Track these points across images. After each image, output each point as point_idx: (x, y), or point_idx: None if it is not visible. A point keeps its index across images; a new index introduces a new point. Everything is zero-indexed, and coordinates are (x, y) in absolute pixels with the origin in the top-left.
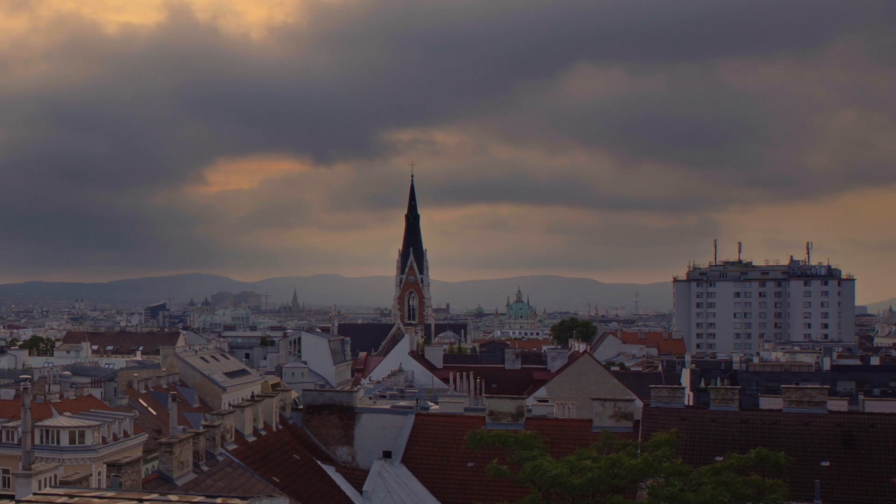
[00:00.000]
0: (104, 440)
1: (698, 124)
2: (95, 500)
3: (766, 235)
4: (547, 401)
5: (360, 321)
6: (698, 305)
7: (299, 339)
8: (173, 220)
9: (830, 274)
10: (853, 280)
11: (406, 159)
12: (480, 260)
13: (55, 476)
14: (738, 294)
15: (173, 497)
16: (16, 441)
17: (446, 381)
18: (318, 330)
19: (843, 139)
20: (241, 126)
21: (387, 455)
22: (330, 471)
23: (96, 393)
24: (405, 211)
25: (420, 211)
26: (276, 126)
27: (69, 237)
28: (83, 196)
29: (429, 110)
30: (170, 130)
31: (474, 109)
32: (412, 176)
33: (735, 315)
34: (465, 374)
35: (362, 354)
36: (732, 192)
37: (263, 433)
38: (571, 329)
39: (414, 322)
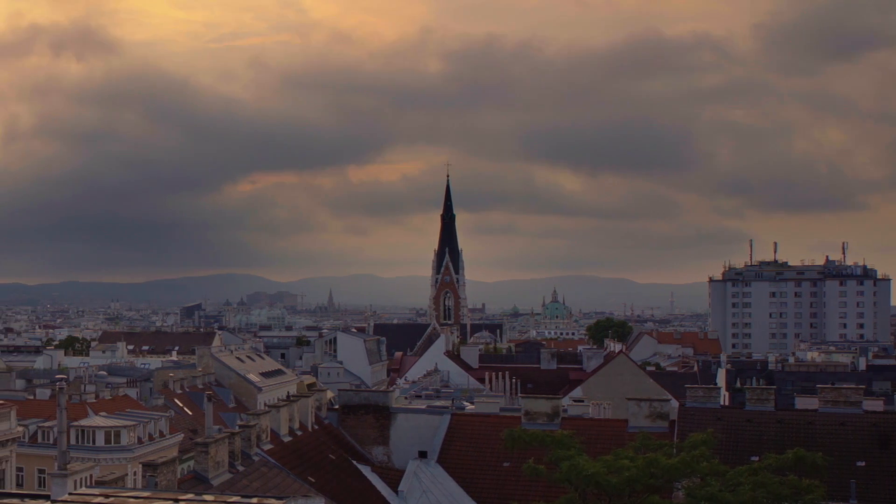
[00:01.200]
0: (140, 440)
1: (639, 144)
2: (131, 499)
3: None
4: (583, 401)
5: (395, 321)
6: (734, 305)
7: (335, 339)
8: (208, 222)
9: (866, 274)
10: (889, 280)
11: (378, 176)
12: (514, 261)
13: (91, 476)
14: (773, 294)
15: (209, 497)
16: (52, 441)
17: (482, 381)
18: (354, 330)
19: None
20: (247, 149)
21: (422, 455)
22: (366, 471)
23: (132, 393)
24: (406, 216)
25: (420, 218)
26: (273, 151)
27: (105, 238)
28: (118, 200)
29: (386, 139)
30: (190, 153)
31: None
32: (448, 176)
33: (771, 315)
34: (500, 374)
35: (398, 354)
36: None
37: (299, 433)
38: (607, 329)
39: (450, 322)
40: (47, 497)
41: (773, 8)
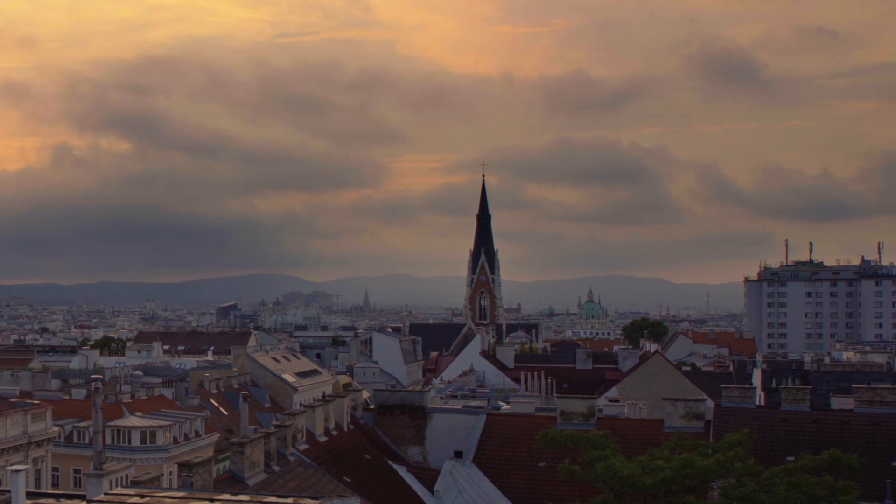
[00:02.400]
0: (175, 440)
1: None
2: (167, 499)
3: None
4: (618, 401)
5: (431, 321)
6: (769, 305)
7: (370, 339)
8: (243, 225)
9: None
10: None
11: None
12: (549, 261)
13: (126, 476)
14: (809, 294)
15: (244, 497)
16: (87, 441)
17: (517, 381)
18: (390, 330)
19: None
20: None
21: (458, 455)
22: (401, 471)
23: (167, 393)
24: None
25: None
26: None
27: (140, 238)
28: (155, 201)
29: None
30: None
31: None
32: (483, 176)
33: (806, 315)
34: (536, 374)
35: (433, 354)
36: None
37: (335, 433)
38: (643, 329)
39: (485, 322)
40: (83, 497)
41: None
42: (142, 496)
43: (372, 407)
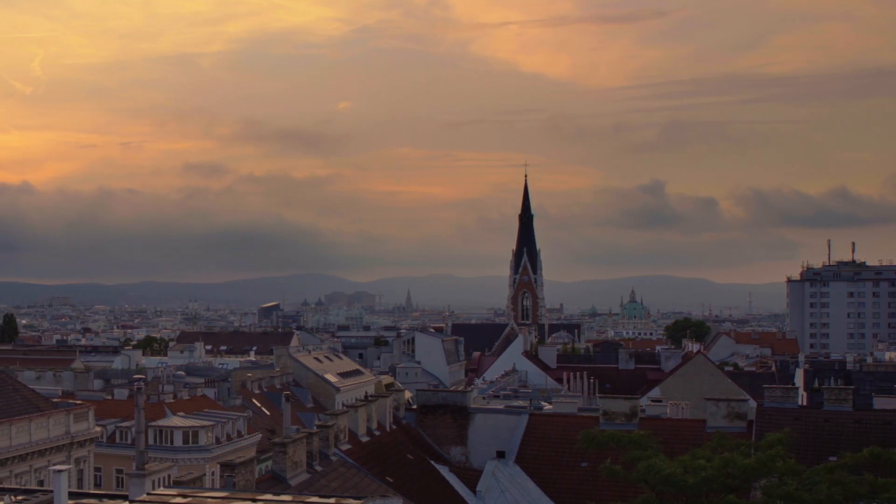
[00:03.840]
0: (217, 440)
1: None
2: (209, 499)
3: None
4: (661, 401)
5: (473, 321)
6: (812, 305)
7: (413, 339)
8: (285, 225)
9: None
10: None
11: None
12: (593, 259)
13: (169, 476)
14: (851, 294)
15: (287, 497)
16: (130, 441)
17: (560, 381)
18: (432, 330)
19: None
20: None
21: (500, 455)
22: (443, 471)
23: (210, 393)
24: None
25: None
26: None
27: (183, 238)
28: (194, 204)
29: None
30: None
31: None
32: (525, 176)
33: (849, 315)
34: (578, 374)
35: (476, 354)
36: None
37: (377, 433)
38: (685, 329)
39: (528, 322)
40: (125, 497)
41: None
42: (184, 496)
43: (414, 407)
